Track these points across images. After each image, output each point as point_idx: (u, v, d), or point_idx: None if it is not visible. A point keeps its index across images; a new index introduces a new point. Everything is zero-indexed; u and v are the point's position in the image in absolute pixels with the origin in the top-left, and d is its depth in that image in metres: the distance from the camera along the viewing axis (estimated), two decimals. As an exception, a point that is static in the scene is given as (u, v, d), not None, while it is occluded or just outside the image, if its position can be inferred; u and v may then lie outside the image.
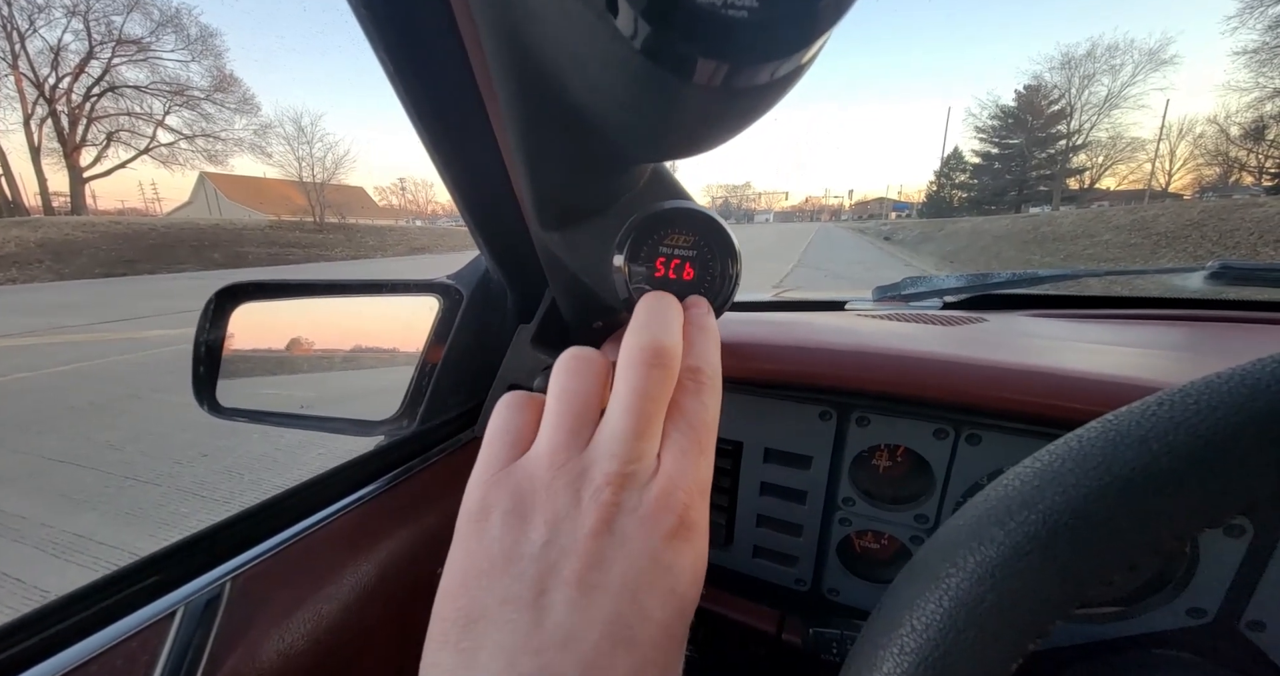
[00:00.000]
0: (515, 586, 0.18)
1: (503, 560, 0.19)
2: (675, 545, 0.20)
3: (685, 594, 0.19)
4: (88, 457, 2.81)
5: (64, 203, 32.48)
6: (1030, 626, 0.17)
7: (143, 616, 0.31)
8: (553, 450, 0.21)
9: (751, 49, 0.16)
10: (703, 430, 0.22)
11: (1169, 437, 0.17)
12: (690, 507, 0.20)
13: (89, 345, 5.57)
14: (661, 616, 0.18)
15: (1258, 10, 33.43)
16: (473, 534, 0.20)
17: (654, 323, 0.24)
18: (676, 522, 0.20)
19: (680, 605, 0.19)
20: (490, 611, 0.18)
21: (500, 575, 0.19)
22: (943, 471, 0.46)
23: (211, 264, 15.74)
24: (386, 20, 0.29)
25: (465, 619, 0.18)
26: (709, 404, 0.23)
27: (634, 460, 0.20)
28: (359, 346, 0.62)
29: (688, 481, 0.21)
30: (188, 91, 34.89)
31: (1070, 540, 0.17)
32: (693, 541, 0.20)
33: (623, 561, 0.19)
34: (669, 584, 0.19)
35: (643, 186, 0.34)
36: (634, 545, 0.19)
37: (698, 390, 0.23)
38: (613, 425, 0.21)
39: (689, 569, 0.20)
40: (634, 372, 0.22)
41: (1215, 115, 44.19)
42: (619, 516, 0.19)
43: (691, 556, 0.20)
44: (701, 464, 0.22)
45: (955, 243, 19.36)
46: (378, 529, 0.45)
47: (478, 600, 0.18)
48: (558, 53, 0.21)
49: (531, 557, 0.19)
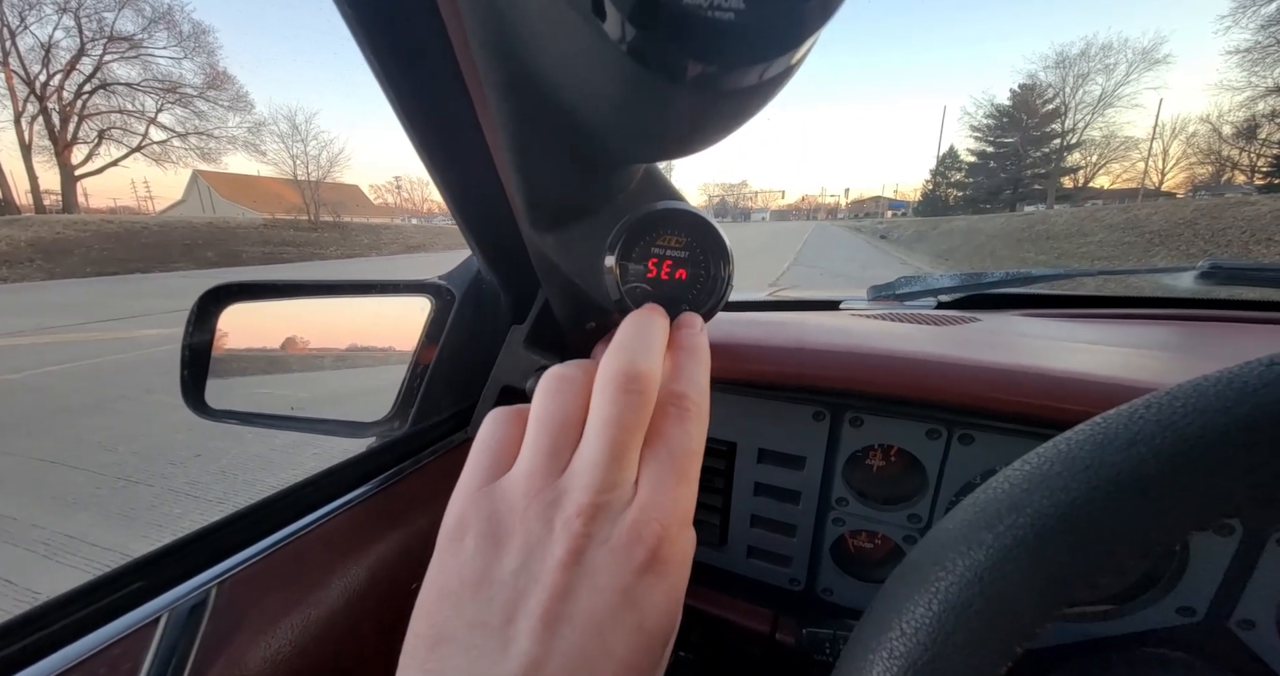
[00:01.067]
0: (484, 611, 0.18)
1: (474, 583, 0.19)
2: (646, 580, 0.19)
3: (653, 630, 0.19)
4: (79, 459, 2.79)
5: (55, 201, 32.15)
6: (1019, 629, 0.17)
7: (125, 623, 0.30)
8: (529, 474, 0.21)
9: (739, 51, 0.16)
10: (684, 458, 0.21)
11: (1156, 441, 0.17)
12: (664, 540, 0.20)
13: (80, 345, 5.52)
14: (626, 654, 0.18)
15: (1250, 9, 33.71)
16: (449, 552, 0.20)
17: (633, 344, 0.23)
18: (648, 556, 0.19)
19: (647, 642, 0.19)
20: (458, 634, 0.18)
21: (470, 598, 0.19)
22: (935, 471, 0.46)
23: (205, 263, 15.64)
24: (373, 21, 0.28)
25: (433, 638, 0.18)
26: (693, 431, 0.22)
27: (607, 490, 0.20)
28: (350, 347, 0.62)
29: (663, 513, 0.20)
30: (180, 89, 34.54)
31: (1058, 543, 0.17)
32: (666, 576, 0.20)
33: (590, 595, 0.18)
34: (636, 620, 0.19)
35: (635, 187, 0.34)
36: (602, 578, 0.19)
37: (681, 417, 0.22)
38: (586, 452, 0.21)
39: (660, 604, 0.19)
40: (608, 398, 0.21)
41: (1208, 114, 44.65)
42: (589, 548, 0.19)
43: (663, 591, 0.19)
44: (682, 492, 0.21)
45: (950, 241, 19.46)
46: (369, 532, 0.44)
47: (448, 620, 0.18)
48: (546, 54, 0.21)
49: (502, 583, 0.19)
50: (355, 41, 0.29)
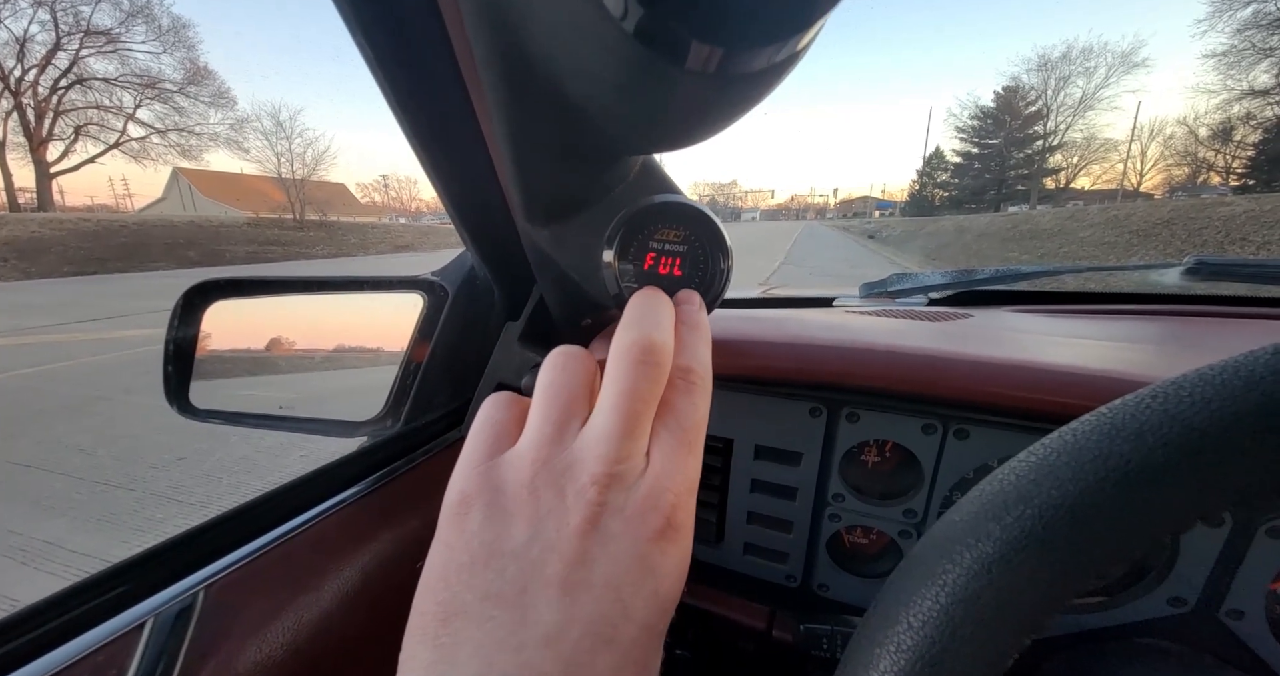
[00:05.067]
0: (496, 582, 0.18)
1: (484, 555, 0.19)
2: (661, 546, 0.19)
3: (668, 594, 0.19)
4: (58, 462, 2.72)
5: (30, 199, 31.25)
6: (1028, 620, 0.17)
7: (109, 629, 0.29)
8: (537, 445, 0.21)
9: (747, 32, 0.15)
10: (692, 430, 0.22)
11: (1164, 430, 0.17)
12: (677, 508, 0.20)
13: (58, 346, 5.38)
14: (644, 616, 0.18)
15: (1226, 14, 34.40)
16: (453, 528, 0.20)
17: (645, 319, 0.24)
18: (663, 523, 0.20)
19: (662, 605, 0.19)
20: (470, 607, 0.18)
21: (481, 570, 0.18)
22: (931, 466, 0.46)
23: (186, 262, 15.33)
24: (369, 11, 0.28)
25: (445, 613, 0.18)
26: (699, 404, 0.23)
27: (622, 460, 0.20)
28: (340, 345, 0.61)
29: (676, 482, 0.20)
30: (159, 84, 33.80)
31: (1067, 534, 0.17)
32: (678, 542, 0.20)
33: (608, 561, 0.18)
34: (653, 585, 0.19)
35: (632, 180, 0.33)
36: (620, 545, 0.19)
37: (689, 390, 0.23)
38: (600, 423, 0.21)
39: (673, 569, 0.20)
40: (624, 370, 0.21)
41: (1185, 117, 45.63)
42: (605, 516, 0.19)
43: (676, 557, 0.20)
44: (690, 464, 0.21)
45: (937, 240, 19.70)
46: (361, 532, 0.43)
47: (458, 595, 0.18)
48: (545, 36, 0.20)
49: (513, 554, 0.19)
50: (349, 32, 0.28)
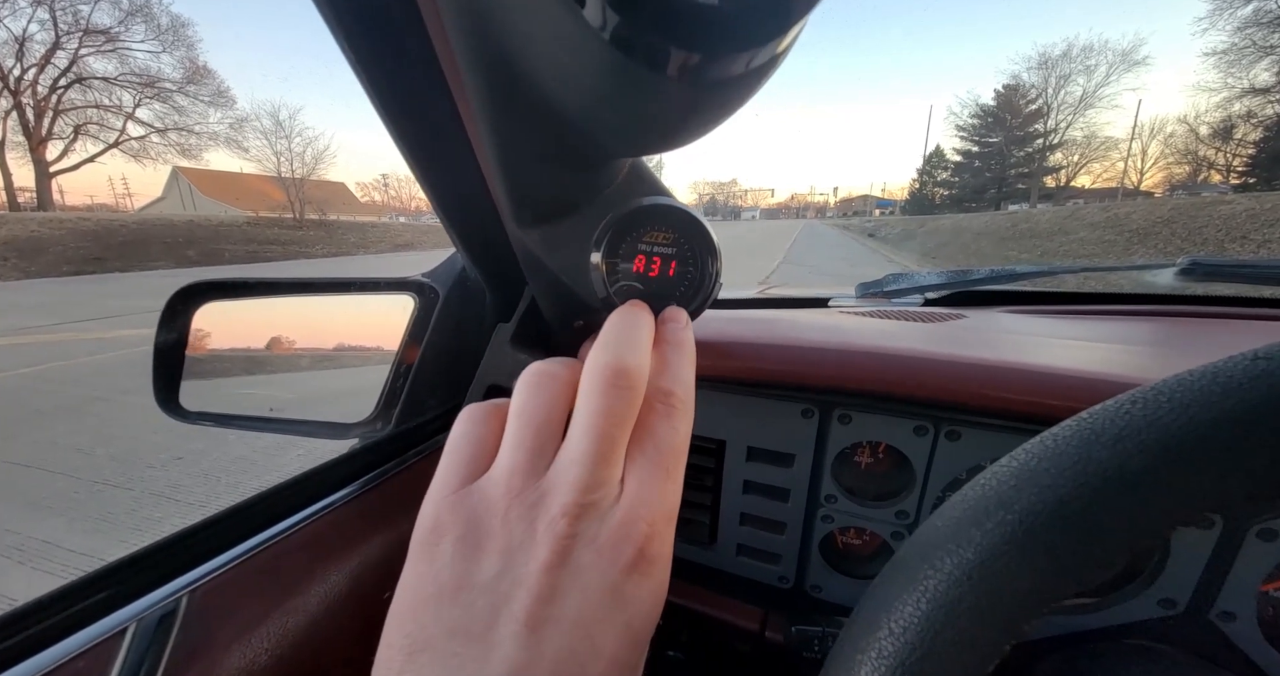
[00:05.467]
0: (464, 617, 0.18)
1: (452, 588, 0.18)
2: (634, 578, 0.19)
3: (640, 628, 0.19)
4: (55, 462, 2.72)
5: (30, 198, 31.23)
6: (1009, 625, 0.17)
7: (89, 635, 0.29)
8: (510, 474, 0.20)
9: (724, 38, 0.15)
10: (670, 456, 0.21)
11: (1143, 436, 0.17)
12: (652, 539, 0.19)
13: (56, 346, 5.38)
14: (614, 651, 0.18)
15: (1227, 12, 34.39)
16: (424, 557, 0.20)
17: (621, 340, 0.23)
18: (636, 554, 0.19)
19: (634, 638, 0.19)
20: (436, 642, 0.17)
21: (449, 604, 0.18)
22: (923, 467, 0.46)
23: (186, 261, 15.31)
24: (353, 17, 0.28)
25: (411, 647, 0.17)
26: (680, 427, 0.22)
27: (594, 488, 0.19)
28: (331, 347, 0.61)
29: (651, 510, 0.20)
30: (159, 83, 33.74)
31: (1047, 540, 0.17)
32: (652, 574, 0.19)
33: (577, 595, 0.18)
34: (624, 619, 0.18)
35: (620, 182, 0.33)
36: (590, 578, 0.18)
37: (668, 413, 0.22)
38: (572, 449, 0.20)
39: (646, 602, 0.19)
40: (595, 394, 0.21)
41: (1185, 115, 45.70)
42: (576, 548, 0.19)
43: (650, 588, 0.19)
44: (668, 490, 0.21)
45: (937, 239, 19.70)
46: (351, 535, 0.43)
47: (425, 628, 0.18)
48: (526, 44, 0.20)
49: (482, 588, 0.18)
50: (334, 38, 0.28)
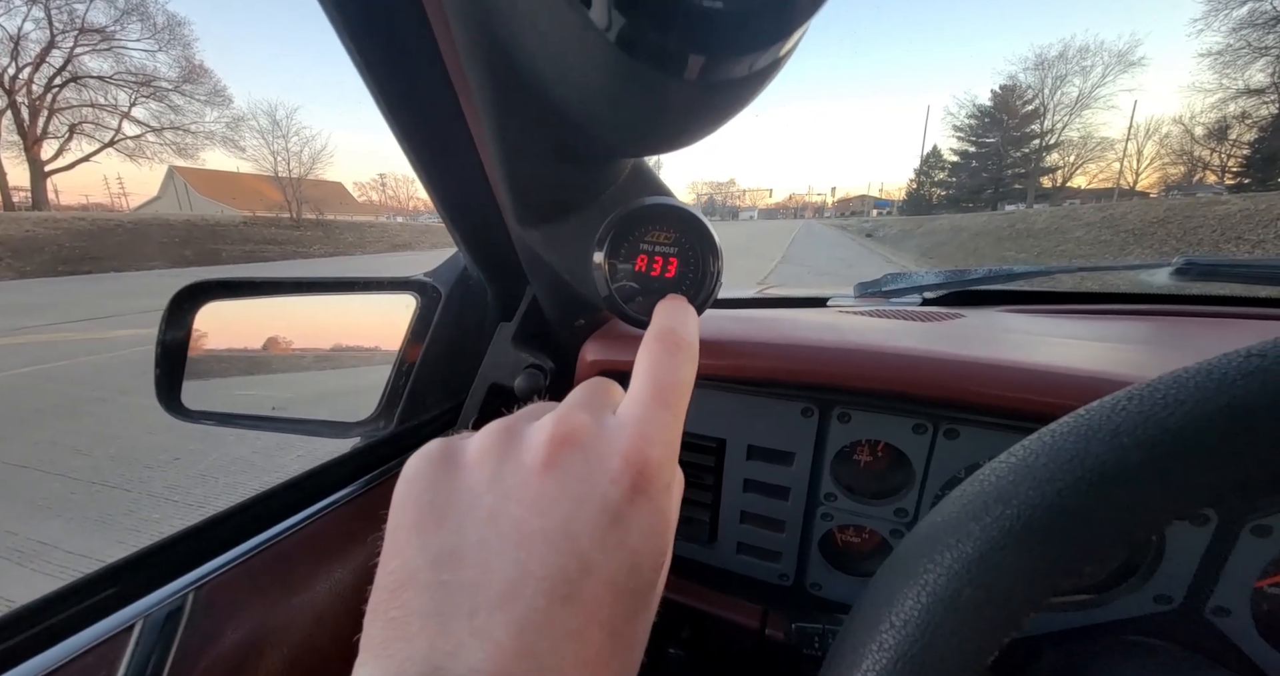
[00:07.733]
0: (450, 541, 0.16)
1: (438, 512, 0.17)
2: (629, 496, 0.17)
3: (638, 548, 0.17)
4: (53, 463, 2.71)
5: (25, 197, 31.12)
6: (1008, 618, 0.17)
7: (98, 631, 0.29)
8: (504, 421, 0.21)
9: (728, 41, 0.15)
10: (671, 391, 0.21)
11: (1139, 431, 0.17)
12: (649, 461, 0.18)
13: (53, 346, 5.35)
14: (608, 573, 0.16)
15: (1222, 13, 34.51)
16: (406, 490, 0.18)
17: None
18: (633, 472, 0.18)
19: (632, 560, 0.17)
20: (420, 574, 0.16)
21: (434, 530, 0.17)
22: (922, 466, 0.46)
23: (182, 261, 15.25)
24: (358, 17, 0.28)
25: (395, 583, 0.16)
26: (683, 367, 0.22)
27: (588, 409, 0.20)
28: (333, 346, 0.61)
29: (649, 431, 0.19)
30: (154, 82, 33.56)
31: (1044, 534, 0.17)
32: (651, 496, 0.18)
33: (567, 503, 0.17)
34: (618, 536, 0.17)
35: (622, 182, 0.34)
36: (580, 487, 0.17)
37: (672, 351, 0.22)
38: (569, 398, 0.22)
39: (646, 527, 0.18)
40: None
41: (1180, 116, 45.87)
42: (566, 453, 0.18)
43: (649, 511, 0.18)
44: (665, 419, 0.20)
45: (934, 239, 19.73)
46: (354, 533, 0.43)
47: (409, 561, 0.16)
48: (531, 45, 0.20)
49: (468, 508, 0.17)
50: (339, 38, 0.29)
